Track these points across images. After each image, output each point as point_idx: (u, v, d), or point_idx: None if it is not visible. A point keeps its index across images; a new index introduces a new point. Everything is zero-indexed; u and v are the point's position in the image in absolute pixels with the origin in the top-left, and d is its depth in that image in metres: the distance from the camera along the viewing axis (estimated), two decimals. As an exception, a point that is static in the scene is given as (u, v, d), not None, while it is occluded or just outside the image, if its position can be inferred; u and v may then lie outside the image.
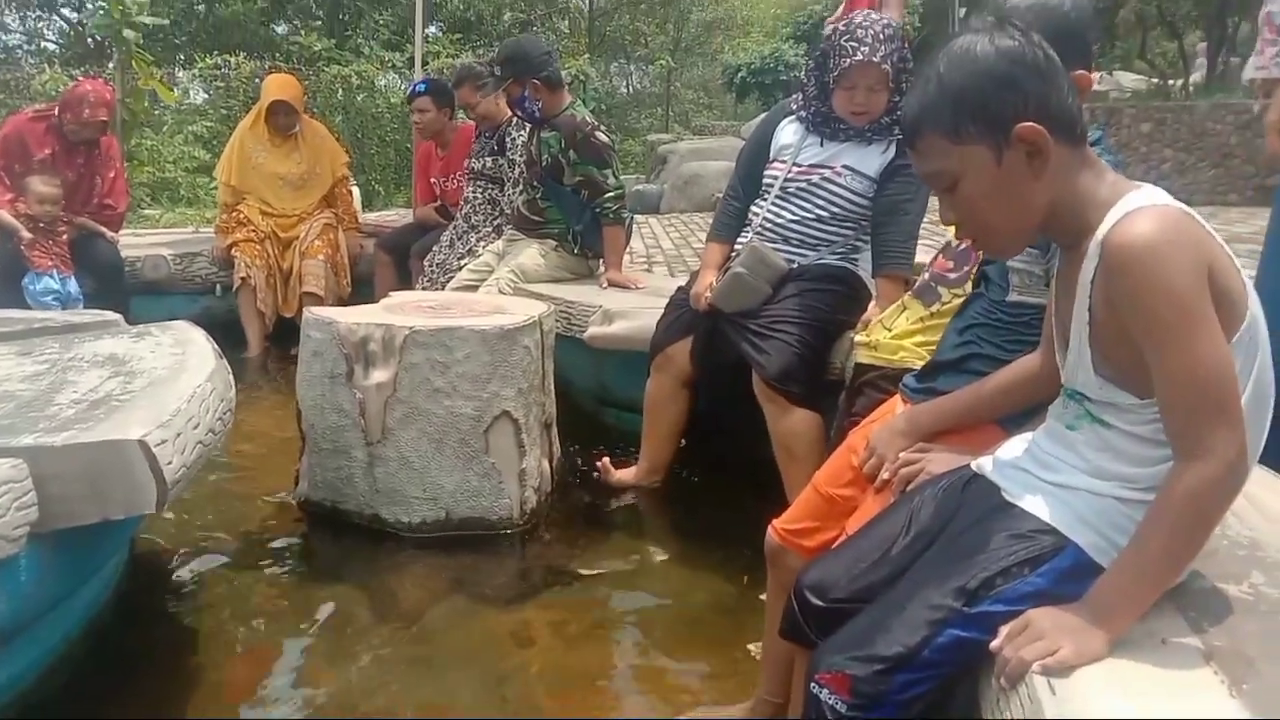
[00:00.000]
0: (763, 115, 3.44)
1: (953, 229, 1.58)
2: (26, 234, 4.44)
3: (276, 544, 2.78)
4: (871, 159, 2.79)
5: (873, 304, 2.72)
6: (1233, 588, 1.23)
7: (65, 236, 4.60)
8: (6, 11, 18.86)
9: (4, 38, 19.40)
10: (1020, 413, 1.54)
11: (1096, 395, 1.23)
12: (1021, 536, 1.23)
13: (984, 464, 1.40)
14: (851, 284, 2.85)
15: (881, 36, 2.64)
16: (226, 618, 2.37)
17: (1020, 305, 1.69)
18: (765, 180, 2.94)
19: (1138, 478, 1.20)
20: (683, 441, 3.19)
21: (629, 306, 3.48)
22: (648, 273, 4.86)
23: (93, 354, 2.39)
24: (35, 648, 1.95)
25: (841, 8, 4.94)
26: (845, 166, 2.80)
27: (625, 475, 3.14)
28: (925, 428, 1.64)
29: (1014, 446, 1.39)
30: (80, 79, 6.12)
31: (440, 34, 16.58)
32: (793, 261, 2.82)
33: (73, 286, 4.55)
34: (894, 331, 2.18)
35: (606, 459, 3.17)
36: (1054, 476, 1.27)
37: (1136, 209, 1.14)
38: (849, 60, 2.64)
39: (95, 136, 4.69)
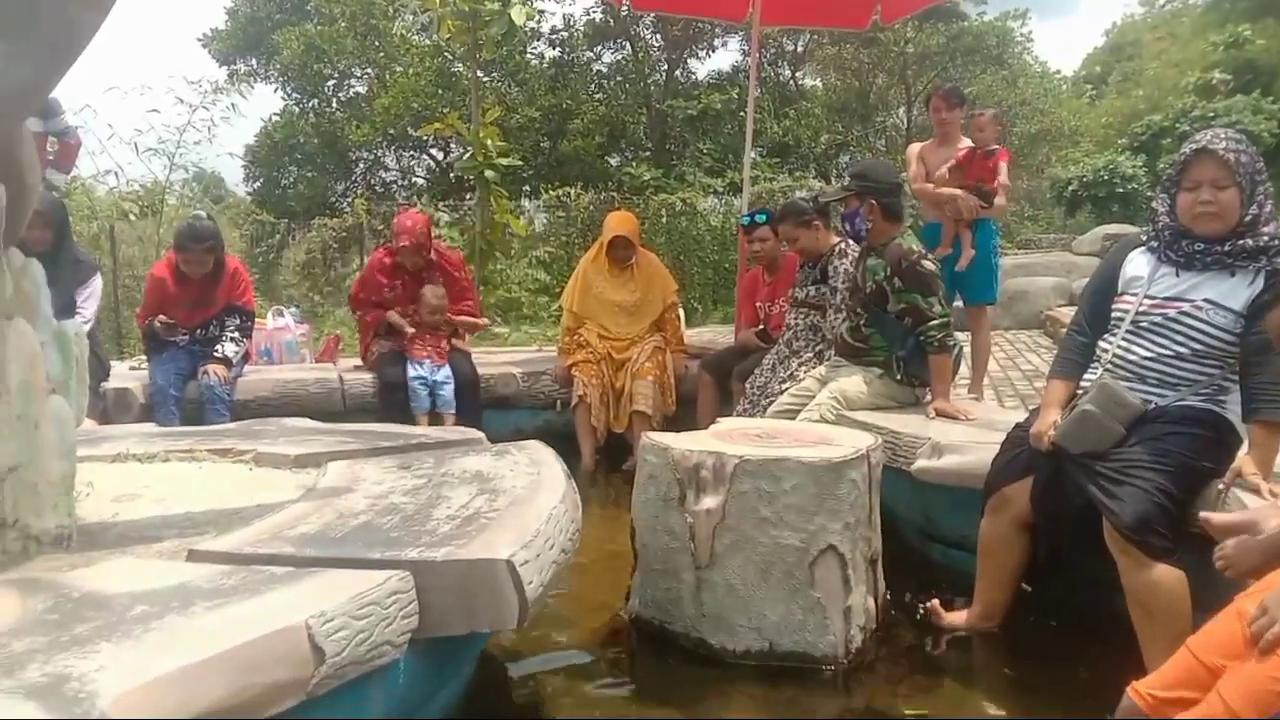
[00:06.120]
0: (1099, 229, 3.31)
1: None
2: (410, 329, 5.29)
3: (608, 658, 2.89)
4: (1237, 292, 2.57)
5: (1243, 451, 2.47)
6: None
7: (444, 336, 5.41)
8: (385, 153, 21.90)
9: (383, 174, 22.52)
10: None
11: None
12: None
13: None
14: (1218, 428, 2.59)
15: (1223, 135, 2.62)
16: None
17: None
18: (1114, 314, 2.78)
19: None
20: (1025, 587, 3.01)
21: (959, 440, 3.37)
22: (977, 402, 4.69)
23: (461, 470, 2.65)
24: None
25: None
26: (1206, 300, 2.60)
27: (956, 618, 2.99)
28: None
29: None
30: (401, 211, 7.19)
31: (759, 159, 17.27)
32: (1149, 401, 2.63)
33: (441, 375, 5.23)
34: None
35: (936, 600, 3.05)
36: None
37: None
38: (1185, 154, 2.63)
39: (411, 260, 5.37)
